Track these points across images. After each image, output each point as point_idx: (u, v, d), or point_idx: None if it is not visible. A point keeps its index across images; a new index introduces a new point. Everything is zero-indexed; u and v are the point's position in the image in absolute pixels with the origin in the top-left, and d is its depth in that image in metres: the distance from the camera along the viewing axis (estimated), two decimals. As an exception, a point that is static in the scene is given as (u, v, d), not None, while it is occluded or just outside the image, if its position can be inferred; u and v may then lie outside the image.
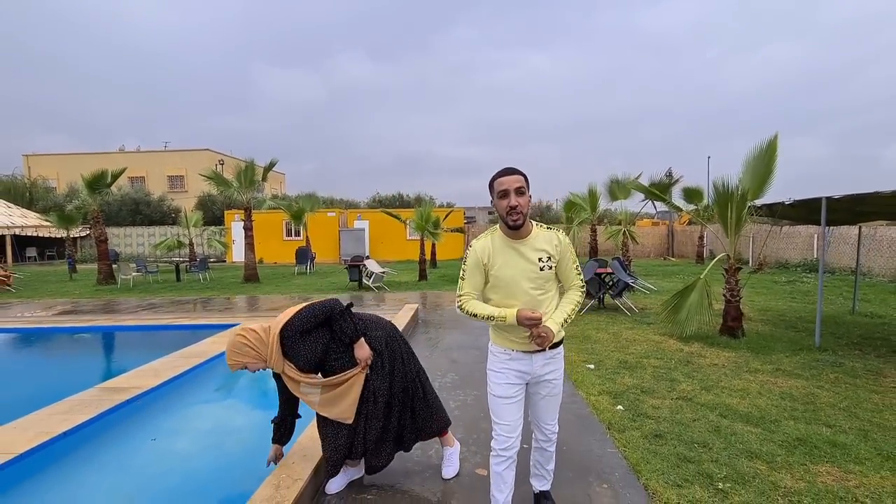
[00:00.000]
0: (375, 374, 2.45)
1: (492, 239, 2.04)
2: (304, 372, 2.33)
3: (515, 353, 2.07)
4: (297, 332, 2.28)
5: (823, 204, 5.35)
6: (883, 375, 4.55)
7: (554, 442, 2.28)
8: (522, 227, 1.96)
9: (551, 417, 2.20)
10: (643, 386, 4.32)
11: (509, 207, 1.90)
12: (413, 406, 2.60)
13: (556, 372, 2.14)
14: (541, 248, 1.99)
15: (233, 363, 2.25)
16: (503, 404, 2.08)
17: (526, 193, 1.94)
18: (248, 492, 2.29)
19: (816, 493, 2.54)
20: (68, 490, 2.83)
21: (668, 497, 2.52)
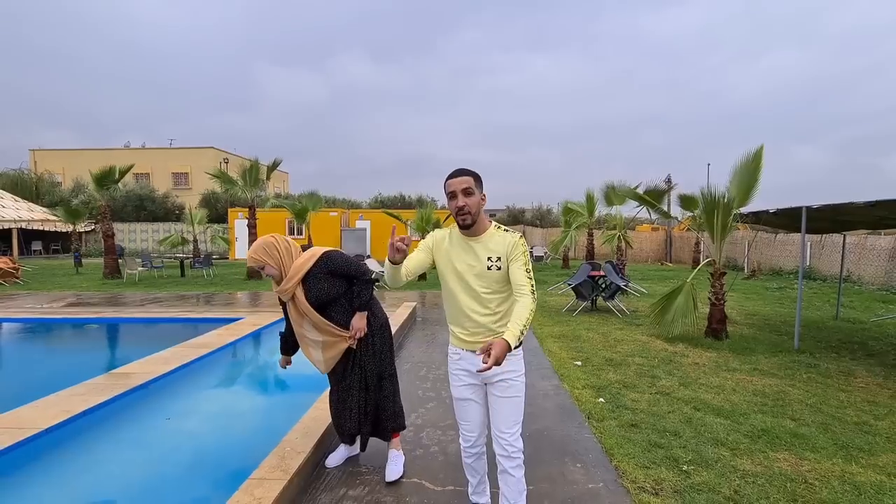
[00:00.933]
0: (366, 351, 2.64)
1: (451, 234, 2.10)
2: (308, 303, 2.47)
3: (464, 352, 2.08)
4: (327, 269, 2.46)
5: (803, 213, 5.62)
6: (853, 376, 4.80)
7: (518, 464, 2.00)
8: (473, 227, 1.98)
9: (507, 425, 2.00)
10: (625, 381, 4.58)
11: (457, 208, 1.94)
12: (380, 399, 2.73)
13: (510, 373, 2.01)
14: (493, 248, 1.98)
15: (255, 259, 2.38)
16: (461, 406, 2.14)
17: (475, 194, 1.95)
18: (255, 465, 2.55)
19: (771, 476, 2.80)
20: (90, 461, 3.10)
21: (636, 476, 2.79)
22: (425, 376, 4.76)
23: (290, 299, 2.47)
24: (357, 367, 2.65)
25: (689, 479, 2.75)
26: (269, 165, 13.98)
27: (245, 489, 2.23)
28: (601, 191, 12.61)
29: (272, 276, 2.41)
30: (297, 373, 5.51)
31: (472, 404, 2.12)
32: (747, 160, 5.94)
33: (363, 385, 2.66)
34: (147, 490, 2.72)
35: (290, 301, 2.48)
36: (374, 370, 2.68)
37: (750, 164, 5.91)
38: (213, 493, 2.56)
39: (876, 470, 2.89)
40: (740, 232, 17.12)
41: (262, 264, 2.36)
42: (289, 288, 2.41)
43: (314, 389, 3.88)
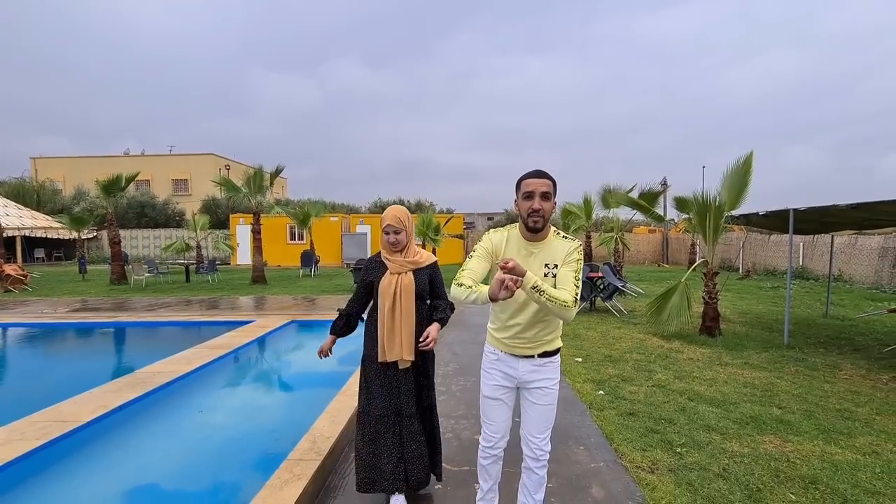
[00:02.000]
0: (424, 375, 2.49)
1: (508, 235, 2.05)
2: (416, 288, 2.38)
3: (503, 354, 2.10)
4: (431, 274, 2.45)
5: (791, 215, 5.92)
6: (839, 369, 5.09)
7: (544, 465, 2.09)
8: (541, 231, 1.97)
9: (539, 430, 2.06)
10: (624, 375, 4.85)
11: (531, 210, 1.90)
12: (433, 431, 2.55)
13: (547, 381, 2.06)
14: (551, 254, 1.98)
15: (400, 221, 2.34)
16: (490, 404, 2.13)
17: (551, 199, 1.94)
18: (287, 450, 2.81)
19: (756, 456, 3.08)
20: (131, 450, 3.36)
21: (633, 457, 3.06)
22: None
23: (397, 277, 2.34)
24: (412, 394, 2.43)
25: (682, 460, 3.03)
26: (272, 172, 14.25)
27: (285, 467, 2.50)
28: (598, 194, 12.94)
29: (396, 244, 2.34)
30: (315, 370, 5.80)
31: (502, 405, 2.12)
32: (738, 165, 6.25)
33: (415, 413, 2.43)
34: (189, 474, 2.98)
35: (394, 279, 2.33)
36: (428, 397, 2.51)
37: (740, 168, 6.22)
38: (252, 474, 2.83)
39: (853, 450, 3.17)
40: (735, 233, 17.47)
41: (401, 229, 2.33)
42: (414, 262, 2.37)
43: (333, 385, 4.15)
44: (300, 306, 9.64)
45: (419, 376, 2.45)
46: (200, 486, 2.87)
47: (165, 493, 2.84)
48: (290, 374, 5.69)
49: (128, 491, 2.85)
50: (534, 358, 2.05)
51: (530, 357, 2.05)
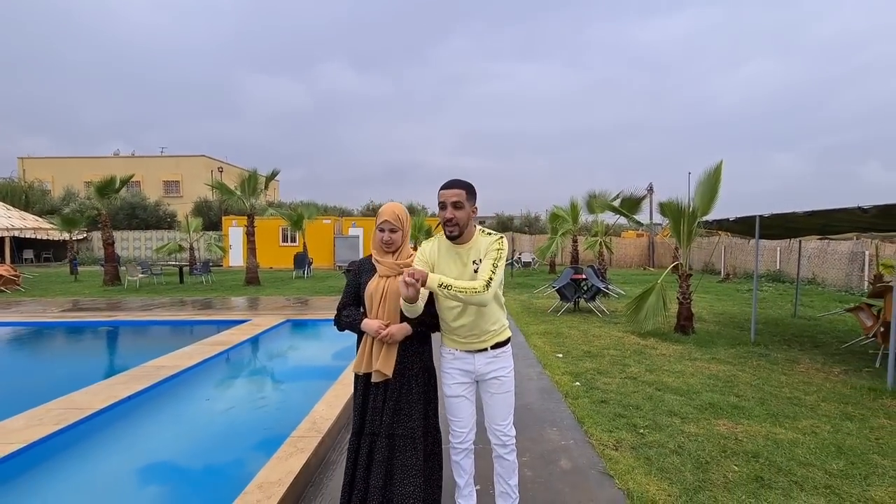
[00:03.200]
0: (424, 383, 2.20)
1: (438, 243, 2.17)
2: None
3: (458, 352, 2.19)
4: None
5: (757, 221, 6.36)
6: (797, 363, 5.52)
7: (511, 449, 2.21)
8: (460, 237, 2.06)
9: (501, 418, 2.18)
10: (600, 369, 5.23)
11: (445, 219, 2.01)
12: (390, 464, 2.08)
13: (502, 370, 2.18)
14: (477, 252, 2.08)
15: (398, 218, 2.16)
16: (453, 402, 2.22)
17: (464, 207, 2.02)
18: (288, 432, 3.11)
19: (709, 435, 3.46)
20: (142, 435, 3.65)
21: (600, 437, 3.42)
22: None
23: (385, 281, 2.14)
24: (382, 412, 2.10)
25: (643, 439, 3.40)
26: (267, 176, 14.50)
27: (290, 442, 2.82)
28: (584, 199, 13.38)
29: (390, 243, 2.16)
30: (311, 364, 6.11)
31: (464, 401, 2.21)
32: (709, 174, 6.69)
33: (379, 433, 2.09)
34: (199, 452, 3.29)
35: (382, 283, 2.13)
36: (403, 422, 2.11)
37: (711, 177, 6.66)
38: (258, 451, 3.13)
39: (795, 431, 3.57)
40: (717, 238, 18.06)
41: (398, 228, 2.17)
42: (405, 264, 2.14)
43: (329, 377, 4.47)
44: (294, 307, 9.92)
45: (400, 395, 2.11)
46: (210, 462, 3.17)
47: (179, 468, 3.14)
48: (288, 368, 6.00)
49: (142, 468, 3.14)
50: (487, 350, 2.16)
51: (484, 350, 2.15)
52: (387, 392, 2.11)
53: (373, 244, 2.24)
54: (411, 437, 2.09)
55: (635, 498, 2.62)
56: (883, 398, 4.29)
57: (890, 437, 3.46)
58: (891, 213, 4.44)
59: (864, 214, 4.81)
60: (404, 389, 2.13)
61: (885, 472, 2.95)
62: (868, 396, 4.35)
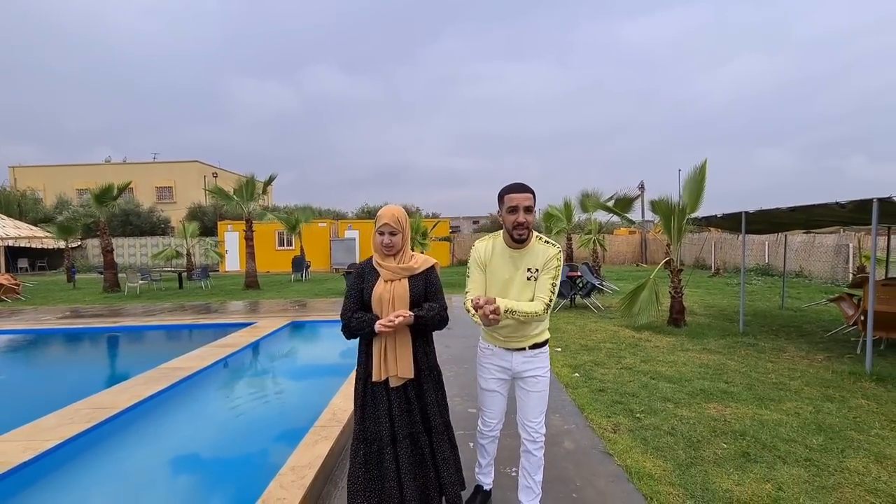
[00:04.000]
0: (428, 379, 2.20)
1: (493, 243, 2.18)
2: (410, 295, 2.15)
3: (497, 349, 2.25)
4: (427, 278, 2.20)
5: (743, 217, 6.67)
6: (783, 351, 5.82)
7: (541, 446, 2.25)
8: (526, 241, 2.09)
9: (534, 415, 2.23)
10: (597, 361, 5.49)
11: (517, 223, 2.02)
12: (443, 450, 2.18)
13: (539, 370, 2.22)
14: (533, 259, 2.09)
15: (398, 221, 2.14)
16: (487, 396, 2.31)
17: (533, 211, 2.06)
18: (304, 425, 3.32)
19: (701, 418, 3.72)
20: (169, 430, 3.84)
21: (600, 421, 3.68)
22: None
23: (391, 285, 2.13)
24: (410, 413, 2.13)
25: (640, 423, 3.66)
26: (265, 181, 14.66)
27: (314, 431, 3.04)
28: (577, 198, 13.68)
29: (391, 246, 2.14)
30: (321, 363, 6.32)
31: (498, 396, 2.30)
32: (695, 172, 6.99)
33: (422, 429, 2.14)
34: (227, 444, 3.49)
35: (387, 287, 2.13)
36: (431, 418, 2.17)
37: (697, 175, 6.95)
38: (282, 441, 3.35)
39: (780, 412, 3.84)
40: (708, 234, 18.45)
41: (398, 230, 2.14)
42: (408, 268, 2.16)
43: (340, 374, 4.69)
44: (296, 309, 10.10)
45: (420, 396, 2.16)
46: (240, 451, 3.39)
47: (210, 458, 3.35)
48: (298, 366, 6.21)
49: (175, 459, 3.35)
50: (525, 350, 2.20)
51: (522, 349, 2.20)
52: (407, 393, 2.13)
53: (374, 248, 2.21)
54: (441, 431, 2.18)
55: (633, 473, 2.87)
56: (862, 381, 4.59)
57: (866, 416, 3.74)
58: (866, 208, 4.73)
59: (841, 210, 5.11)
60: (424, 388, 2.16)
61: (861, 445, 3.23)
62: (848, 380, 4.64)
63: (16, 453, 3.10)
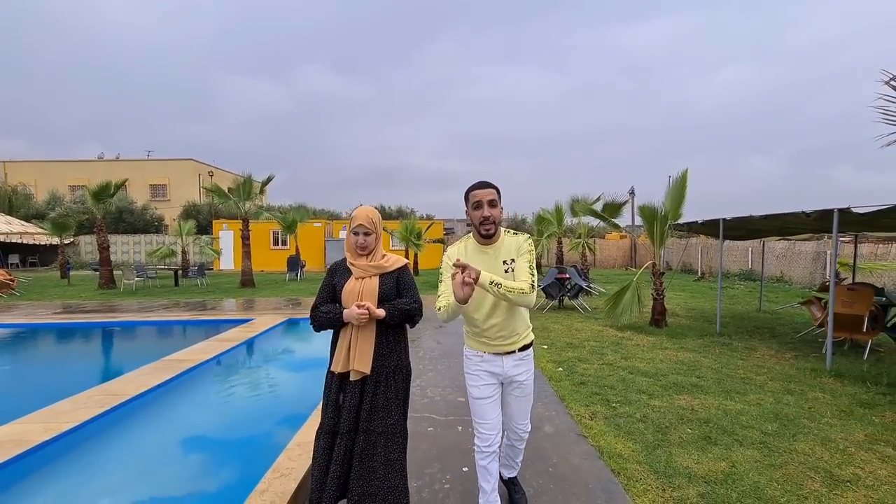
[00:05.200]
0: (386, 388, 2.19)
1: (465, 246, 2.22)
2: (379, 291, 2.22)
3: (487, 355, 2.22)
4: (398, 277, 2.28)
5: (721, 224, 7.05)
6: (754, 350, 6.19)
7: (525, 440, 2.37)
8: (494, 235, 2.13)
9: (522, 418, 2.30)
10: (580, 357, 5.82)
11: (482, 218, 2.06)
12: (384, 460, 2.13)
13: (526, 373, 2.26)
14: (507, 251, 2.14)
15: (372, 221, 2.23)
16: (481, 404, 2.22)
17: (498, 205, 2.09)
18: (305, 412, 3.61)
19: (671, 407, 4.06)
20: (176, 416, 4.10)
21: (578, 410, 4.00)
22: (423, 356, 5.89)
23: (360, 282, 2.20)
24: (359, 409, 2.16)
25: (615, 411, 3.98)
26: (262, 181, 14.88)
27: (315, 414, 3.32)
28: (567, 203, 14.08)
29: (364, 246, 2.21)
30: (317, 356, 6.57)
31: (493, 403, 2.24)
32: (676, 181, 7.36)
33: (356, 429, 2.15)
34: (235, 427, 3.76)
35: (357, 284, 2.20)
36: (381, 418, 2.16)
37: (678, 184, 7.33)
38: (286, 423, 3.63)
39: (743, 403, 4.19)
40: (696, 239, 18.93)
41: (371, 230, 2.22)
42: (378, 265, 2.23)
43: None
44: (292, 307, 10.35)
45: (375, 392, 2.16)
46: (247, 432, 3.66)
47: (219, 439, 3.62)
48: (297, 359, 6.50)
49: (184, 440, 3.62)
50: (515, 353, 2.21)
51: (512, 353, 2.21)
52: (363, 389, 2.15)
53: (346, 247, 2.28)
54: (392, 433, 2.14)
55: (605, 453, 3.19)
56: (822, 377, 4.96)
57: (820, 406, 4.10)
58: (828, 217, 5.12)
59: (807, 218, 5.49)
60: (381, 388, 2.16)
61: (811, 431, 3.58)
62: (810, 376, 5.01)
63: (37, 433, 3.35)
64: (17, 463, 3.01)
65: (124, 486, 2.93)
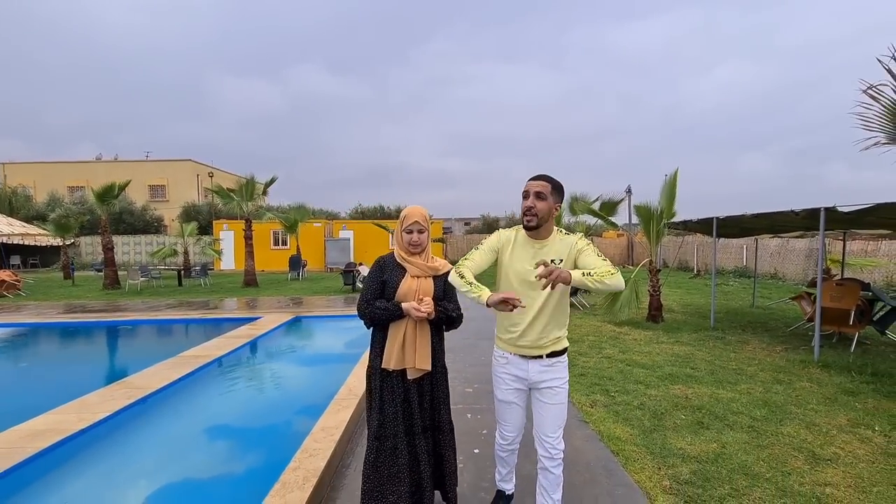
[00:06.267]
0: (438, 382, 2.29)
1: (517, 234, 2.14)
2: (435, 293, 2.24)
3: (512, 356, 2.15)
4: (447, 281, 2.24)
5: (714, 222, 7.31)
6: (747, 343, 6.45)
7: (559, 463, 2.13)
8: (539, 229, 2.04)
9: (552, 429, 2.11)
10: (580, 351, 6.06)
11: (526, 208, 2.02)
12: (445, 450, 2.29)
13: (557, 380, 2.12)
14: (557, 251, 2.05)
15: (425, 219, 2.23)
16: (504, 407, 2.22)
17: (547, 199, 2.02)
18: (323, 402, 3.82)
19: (666, 396, 4.31)
20: (204, 405, 4.33)
21: (580, 399, 4.24)
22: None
23: (418, 281, 2.21)
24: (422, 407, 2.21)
25: (613, 399, 4.23)
26: (265, 183, 15.08)
27: (336, 402, 3.57)
28: (566, 202, 14.32)
29: (418, 244, 2.21)
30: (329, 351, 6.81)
31: (515, 407, 2.20)
32: (668, 181, 7.62)
33: (429, 426, 2.23)
34: (257, 415, 4.00)
35: (416, 283, 2.20)
36: (441, 414, 2.28)
37: (670, 183, 7.59)
38: (307, 412, 3.86)
39: (734, 392, 4.44)
40: (693, 237, 19.24)
41: (425, 228, 2.23)
42: (433, 267, 2.25)
43: (349, 361, 5.19)
44: (298, 305, 10.56)
45: (433, 390, 2.25)
46: (270, 420, 3.90)
47: (243, 426, 3.85)
48: (308, 354, 6.76)
49: (210, 428, 3.85)
50: (542, 359, 2.11)
51: (538, 358, 2.11)
52: (422, 388, 2.19)
53: (399, 246, 2.25)
54: (448, 430, 2.29)
55: (605, 436, 3.44)
56: (810, 368, 5.22)
57: (807, 394, 4.36)
58: (815, 215, 5.37)
59: (796, 217, 5.75)
60: (436, 382, 2.24)
61: (796, 416, 3.84)
62: (798, 367, 5.27)
63: (73, 423, 3.57)
64: (59, 449, 3.23)
65: (162, 469, 3.16)
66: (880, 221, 5.60)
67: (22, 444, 3.19)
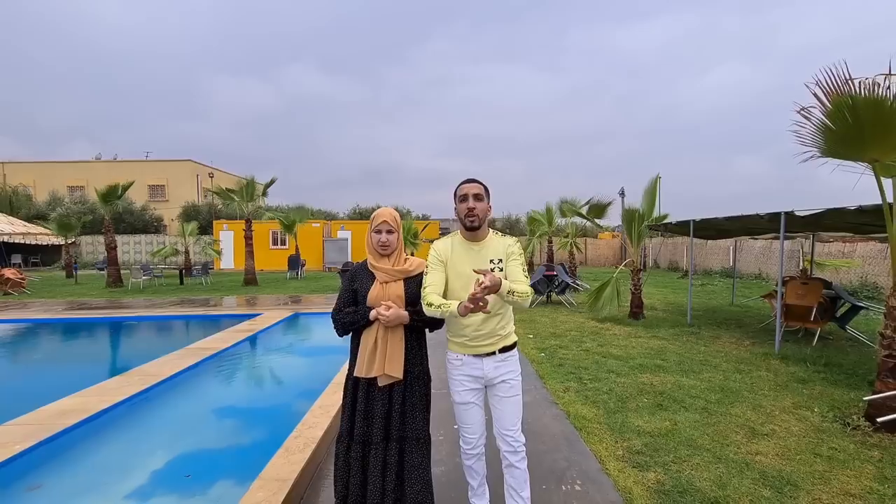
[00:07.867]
0: (409, 394, 2.17)
1: (452, 241, 2.22)
2: (405, 296, 2.19)
3: (466, 357, 2.19)
4: (421, 282, 2.18)
5: (691, 225, 7.75)
6: (718, 338, 6.89)
7: (523, 457, 2.19)
8: (479, 230, 2.14)
9: (511, 423, 2.17)
10: (561, 345, 6.49)
11: (467, 209, 2.10)
12: (408, 467, 2.13)
13: (511, 373, 2.19)
14: (494, 251, 2.15)
15: (395, 221, 2.23)
16: (463, 409, 2.23)
17: (484, 201, 2.12)
18: (319, 387, 4.24)
19: (634, 383, 4.74)
20: (209, 391, 4.74)
21: (554, 386, 4.67)
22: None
23: (385, 286, 2.17)
24: (389, 416, 2.12)
25: (585, 386, 4.66)
26: (265, 184, 15.48)
27: (330, 389, 3.97)
28: (557, 204, 14.79)
29: (388, 246, 2.19)
30: (326, 344, 7.20)
31: (474, 407, 2.23)
32: (650, 185, 8.07)
33: (388, 437, 2.11)
34: (258, 398, 4.41)
35: (383, 289, 2.16)
36: (410, 424, 2.15)
37: (651, 187, 8.04)
38: (301, 398, 4.27)
39: (696, 379, 4.87)
40: (682, 239, 19.71)
41: (394, 229, 2.22)
42: (403, 269, 2.21)
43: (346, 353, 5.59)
44: (297, 303, 10.97)
45: (405, 398, 2.15)
46: (270, 402, 4.31)
47: (246, 408, 4.27)
48: (306, 347, 7.19)
49: (220, 408, 4.27)
50: (495, 354, 2.17)
51: (492, 354, 2.17)
52: (392, 395, 2.11)
53: (368, 249, 2.23)
54: (418, 439, 2.13)
55: (572, 415, 3.87)
56: (770, 359, 5.66)
57: (761, 382, 4.80)
58: (776, 219, 5.82)
59: (762, 220, 6.19)
60: (408, 392, 2.14)
61: (747, 399, 4.27)
62: (760, 358, 5.71)
63: (96, 403, 3.98)
64: (85, 425, 3.63)
65: (178, 439, 3.57)
66: (836, 224, 6.04)
67: (52, 420, 3.59)
